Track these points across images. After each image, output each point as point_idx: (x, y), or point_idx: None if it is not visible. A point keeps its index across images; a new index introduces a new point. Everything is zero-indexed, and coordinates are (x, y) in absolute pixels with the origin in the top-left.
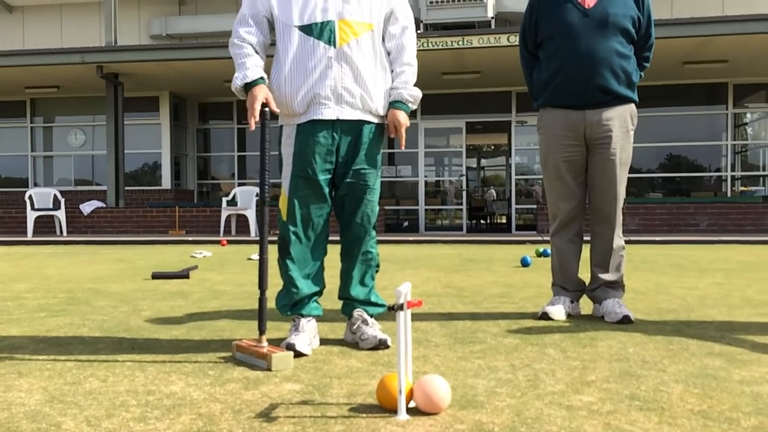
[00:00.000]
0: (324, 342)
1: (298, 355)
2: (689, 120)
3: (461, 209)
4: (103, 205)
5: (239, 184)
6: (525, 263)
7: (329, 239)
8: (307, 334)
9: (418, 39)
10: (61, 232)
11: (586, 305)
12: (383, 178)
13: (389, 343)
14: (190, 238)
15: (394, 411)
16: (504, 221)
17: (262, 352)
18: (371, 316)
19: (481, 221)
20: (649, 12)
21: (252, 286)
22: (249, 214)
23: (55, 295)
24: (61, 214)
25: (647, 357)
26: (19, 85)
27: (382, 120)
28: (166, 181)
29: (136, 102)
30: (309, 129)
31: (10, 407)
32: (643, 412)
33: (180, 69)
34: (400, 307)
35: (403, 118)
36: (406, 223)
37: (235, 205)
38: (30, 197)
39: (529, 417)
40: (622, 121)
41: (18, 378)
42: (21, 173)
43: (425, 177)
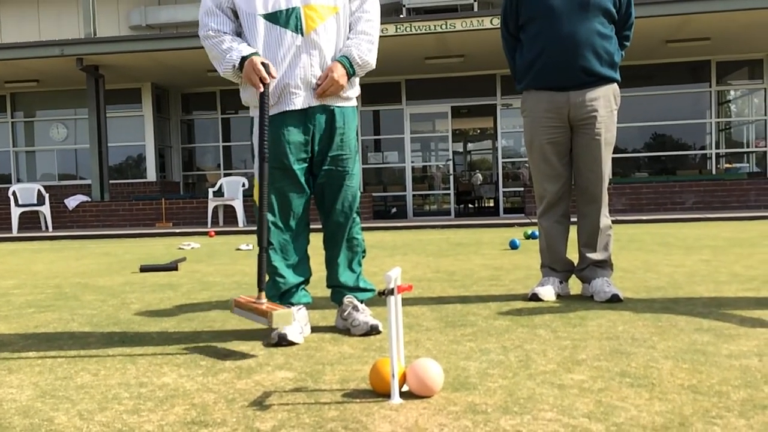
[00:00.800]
0: (315, 329)
1: (289, 344)
2: (673, 99)
3: (449, 194)
4: (88, 200)
5: (225, 175)
6: (513, 246)
7: (310, 227)
8: (297, 322)
9: (401, 24)
10: (47, 228)
11: (575, 285)
12: (370, 165)
13: (380, 328)
14: (178, 230)
15: (387, 395)
16: (492, 205)
17: (261, 309)
18: (361, 302)
19: (469, 205)
20: None
21: (241, 276)
22: (236, 204)
23: (43, 291)
24: (45, 210)
25: (637, 334)
26: None
27: (354, 102)
28: (151, 174)
29: (118, 94)
30: (281, 120)
31: (2, 403)
32: (634, 389)
33: (161, 60)
34: (391, 291)
35: (338, 73)
36: (394, 210)
37: (222, 195)
38: (14, 193)
39: (522, 397)
40: (605, 101)
41: (8, 374)
42: (4, 169)
43: (412, 163)
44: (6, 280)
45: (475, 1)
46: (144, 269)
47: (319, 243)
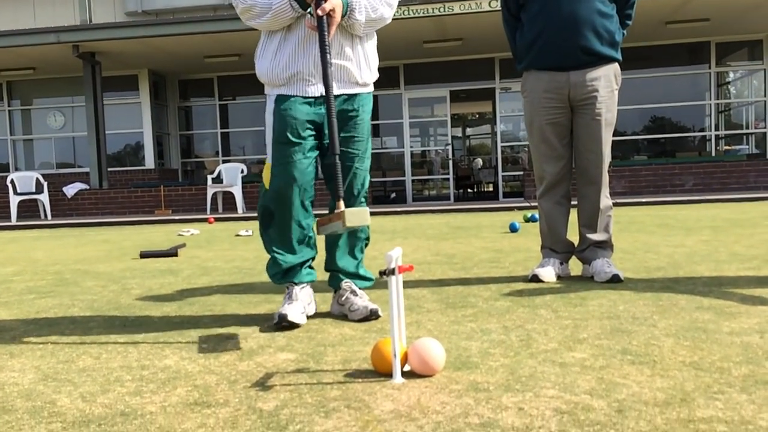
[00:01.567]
0: (317, 312)
1: (290, 325)
2: (672, 81)
3: (448, 179)
4: (87, 187)
5: (224, 161)
6: (513, 229)
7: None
8: (300, 302)
9: (399, 7)
10: (46, 216)
11: (575, 266)
12: None
13: (380, 312)
14: (177, 217)
15: (389, 375)
16: (491, 189)
17: (337, 215)
18: (362, 289)
19: (469, 190)
20: None
21: (241, 261)
22: (235, 191)
23: (43, 277)
24: (44, 198)
25: (637, 313)
26: None
27: (370, 89)
28: (150, 161)
29: (115, 81)
30: (291, 100)
31: (4, 387)
32: (636, 366)
33: (158, 46)
34: (392, 271)
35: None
36: (393, 195)
37: (221, 182)
38: (12, 181)
39: (523, 375)
40: (606, 81)
41: (10, 359)
42: (1, 158)
43: (411, 148)
44: (6, 267)
45: None
46: (144, 255)
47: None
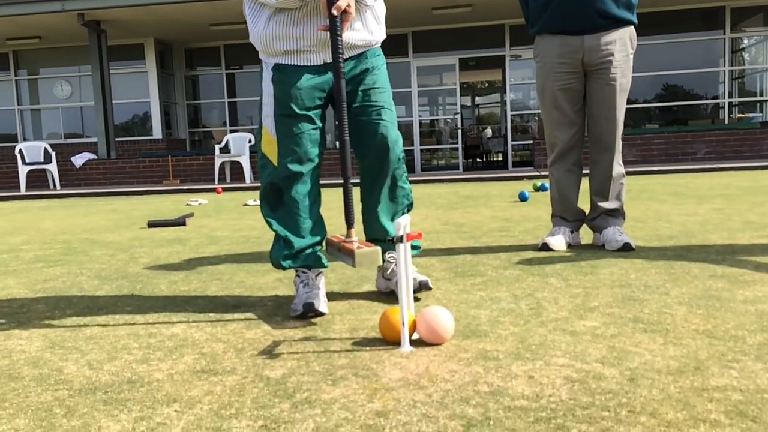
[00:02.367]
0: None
1: (316, 314)
2: (685, 47)
3: (457, 148)
4: (95, 157)
5: (231, 131)
6: (523, 198)
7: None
8: (321, 290)
9: None
10: (54, 186)
11: (586, 235)
12: None
13: (431, 285)
14: (185, 187)
15: (397, 344)
16: (500, 159)
17: (347, 247)
18: None
19: (478, 160)
20: None
21: (249, 231)
22: (243, 160)
23: (51, 246)
24: (53, 168)
25: (649, 282)
26: (0, 38)
27: (379, 41)
28: (157, 131)
29: (121, 50)
30: (294, 69)
31: (11, 354)
32: (648, 334)
33: (162, 13)
34: (400, 239)
35: None
36: None
37: (229, 152)
38: (20, 151)
39: (534, 343)
40: (622, 45)
41: (17, 327)
42: (9, 128)
43: (419, 117)
44: (15, 236)
45: None
46: (152, 224)
47: (329, 200)
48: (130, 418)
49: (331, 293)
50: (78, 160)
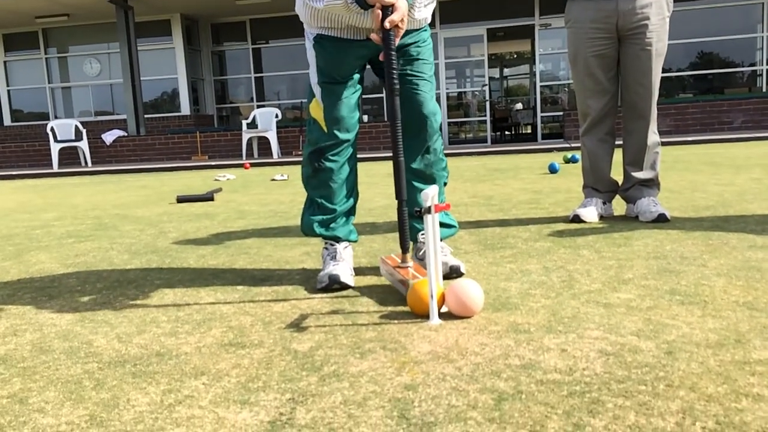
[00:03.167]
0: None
1: (342, 287)
2: (721, 12)
3: (485, 121)
4: (125, 134)
5: (258, 107)
6: (553, 170)
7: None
8: (347, 262)
9: None
10: (86, 163)
11: (619, 206)
12: None
13: (463, 269)
14: (213, 163)
15: (425, 317)
16: (529, 131)
17: (400, 276)
18: (441, 240)
19: (506, 132)
20: None
21: (277, 205)
22: (270, 136)
23: (83, 222)
24: (84, 145)
25: (686, 253)
26: (29, 15)
27: (428, 19)
28: (185, 108)
29: (148, 26)
30: (337, 40)
31: (42, 328)
32: (685, 306)
33: None
34: (428, 210)
35: (399, 14)
36: None
37: (256, 127)
38: (52, 129)
39: (566, 316)
40: (658, 8)
41: (48, 300)
42: (41, 107)
43: (447, 90)
44: (47, 212)
45: None
46: (181, 200)
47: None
48: (159, 391)
49: (358, 267)
50: (108, 137)
